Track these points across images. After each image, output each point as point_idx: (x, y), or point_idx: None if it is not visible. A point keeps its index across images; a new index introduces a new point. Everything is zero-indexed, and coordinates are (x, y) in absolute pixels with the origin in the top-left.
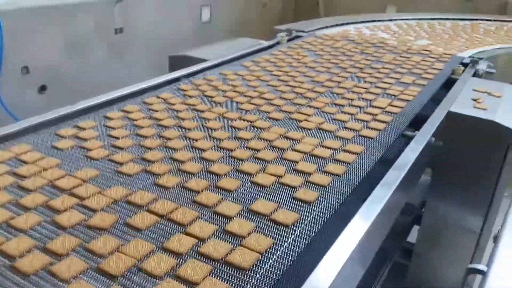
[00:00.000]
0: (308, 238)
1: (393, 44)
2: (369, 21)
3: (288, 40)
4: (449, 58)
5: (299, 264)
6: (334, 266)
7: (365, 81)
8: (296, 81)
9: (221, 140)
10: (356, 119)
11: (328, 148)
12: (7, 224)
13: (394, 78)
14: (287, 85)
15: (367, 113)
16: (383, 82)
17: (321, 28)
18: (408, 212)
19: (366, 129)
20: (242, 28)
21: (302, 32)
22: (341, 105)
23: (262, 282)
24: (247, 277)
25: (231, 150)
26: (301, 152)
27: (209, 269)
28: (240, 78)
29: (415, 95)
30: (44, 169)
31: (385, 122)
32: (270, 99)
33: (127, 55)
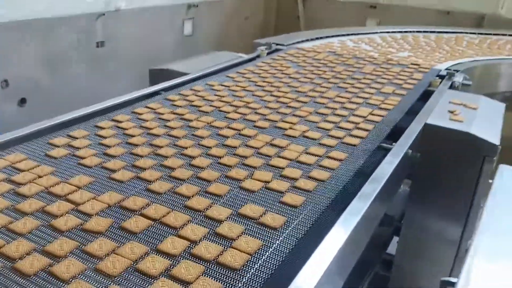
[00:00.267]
0: (295, 240)
1: (374, 56)
2: (347, 35)
3: (268, 54)
4: (428, 69)
5: (287, 265)
6: (312, 278)
7: (347, 91)
8: (280, 91)
9: (210, 148)
10: (339, 127)
11: (313, 155)
12: (6, 228)
13: (375, 88)
14: (272, 95)
15: (350, 122)
16: (364, 92)
17: (300, 42)
18: (388, 224)
19: (349, 137)
20: (225, 42)
21: (282, 46)
22: (325, 114)
23: (252, 281)
24: (238, 277)
25: (220, 157)
26: (287, 159)
27: (202, 269)
28: (226, 89)
29: (395, 105)
30: (39, 177)
31: (367, 130)
32: (256, 109)
33: (109, 69)
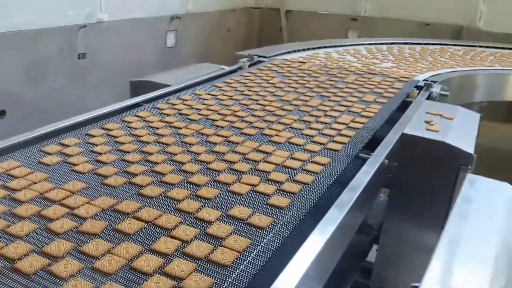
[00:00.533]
0: (281, 238)
1: (358, 66)
2: (327, 47)
3: (250, 65)
4: (408, 79)
5: (274, 261)
6: (289, 285)
7: (330, 100)
8: (266, 100)
9: (199, 154)
10: (322, 134)
11: (298, 160)
12: (4, 232)
13: (357, 97)
14: (258, 104)
15: (332, 129)
16: (347, 101)
17: (281, 54)
18: (367, 232)
19: (331, 143)
20: (208, 53)
21: (264, 58)
22: (309, 122)
23: (242, 277)
24: (229, 273)
25: (209, 163)
26: (273, 164)
27: (194, 266)
28: (214, 98)
29: (376, 112)
30: (34, 183)
31: (349, 137)
32: (243, 117)
33: (90, 81)
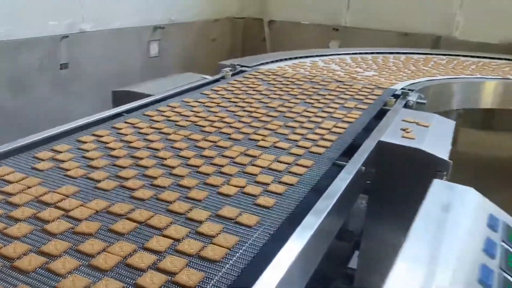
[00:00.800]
0: (268, 235)
1: (341, 75)
2: (306, 57)
3: (233, 75)
4: (388, 87)
5: (261, 256)
6: None
7: (313, 106)
8: (252, 107)
9: (188, 158)
10: (306, 139)
11: (283, 163)
12: (2, 233)
13: (339, 103)
14: (244, 110)
15: (316, 134)
16: (329, 107)
17: (263, 64)
18: (349, 238)
19: (315, 147)
20: (192, 63)
21: (246, 67)
22: (293, 127)
23: (231, 271)
24: (219, 267)
25: (198, 167)
26: (260, 167)
27: (186, 262)
28: (202, 105)
29: (357, 118)
30: (28, 187)
31: (331, 141)
32: (230, 123)
33: (73, 91)
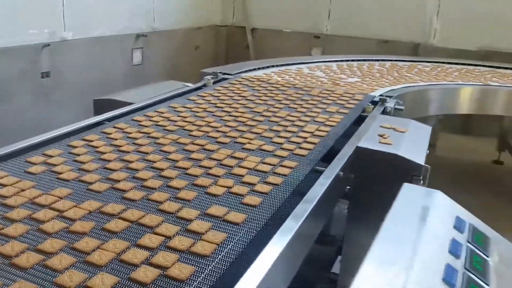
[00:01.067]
0: (254, 232)
1: (324, 81)
2: (288, 64)
3: (214, 83)
4: (368, 93)
5: (248, 251)
6: None
7: (297, 111)
8: (238, 112)
9: (177, 161)
10: (290, 142)
11: (268, 164)
12: None
13: (321, 108)
14: (230, 115)
15: (299, 137)
16: (312, 112)
17: (245, 71)
18: (331, 243)
19: (299, 149)
20: (175, 71)
21: (228, 75)
22: (278, 131)
23: (220, 265)
24: (208, 262)
25: (186, 169)
26: (246, 168)
27: (177, 257)
28: (189, 110)
29: (338, 122)
30: (22, 190)
31: (314, 143)
32: (217, 127)
33: (54, 100)
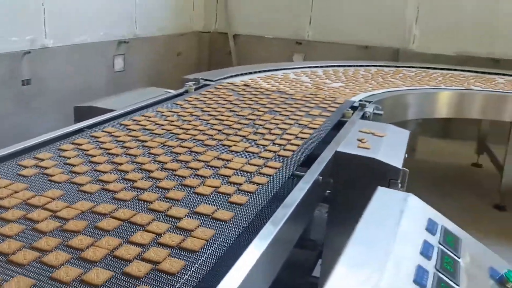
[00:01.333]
0: (241, 228)
1: (309, 86)
2: (272, 70)
3: (196, 89)
4: (349, 98)
5: (236, 246)
6: None
7: (281, 114)
8: (224, 115)
9: (165, 163)
10: (275, 144)
11: (254, 165)
12: None
13: (304, 111)
14: (216, 119)
15: (283, 139)
16: (295, 115)
17: (226, 78)
18: (312, 247)
19: (283, 150)
20: (158, 77)
21: (210, 81)
22: (262, 133)
23: (209, 259)
24: (198, 257)
25: (175, 170)
26: (233, 169)
27: (168, 252)
28: (175, 114)
29: (321, 124)
30: (16, 192)
31: (298, 145)
32: (203, 130)
33: (35, 107)
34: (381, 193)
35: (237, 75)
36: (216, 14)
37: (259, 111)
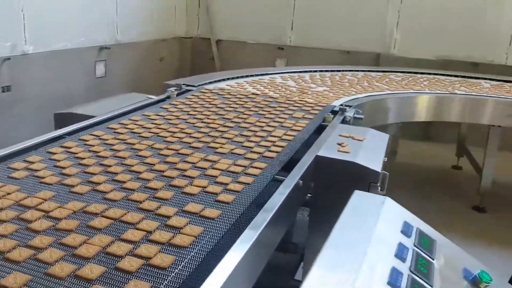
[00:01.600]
0: (229, 225)
1: (293, 90)
2: (253, 75)
3: (178, 94)
4: (331, 101)
5: (223, 241)
6: None
7: (265, 117)
8: (210, 119)
9: (153, 165)
10: (260, 145)
11: (240, 166)
12: None
13: (288, 114)
14: (202, 122)
15: (268, 141)
16: (280, 117)
17: (208, 83)
18: (294, 251)
19: (267, 152)
20: (140, 83)
21: (192, 87)
22: (248, 136)
23: (198, 254)
24: (187, 252)
25: (163, 171)
26: (219, 170)
27: (159, 249)
28: (162, 118)
29: (304, 127)
30: (8, 193)
31: (282, 147)
32: (190, 133)
33: (15, 114)
34: (358, 197)
35: (220, 81)
36: (199, 20)
37: (244, 114)
